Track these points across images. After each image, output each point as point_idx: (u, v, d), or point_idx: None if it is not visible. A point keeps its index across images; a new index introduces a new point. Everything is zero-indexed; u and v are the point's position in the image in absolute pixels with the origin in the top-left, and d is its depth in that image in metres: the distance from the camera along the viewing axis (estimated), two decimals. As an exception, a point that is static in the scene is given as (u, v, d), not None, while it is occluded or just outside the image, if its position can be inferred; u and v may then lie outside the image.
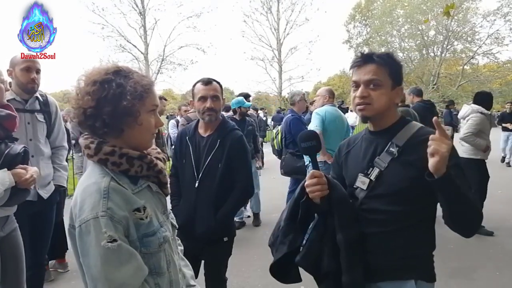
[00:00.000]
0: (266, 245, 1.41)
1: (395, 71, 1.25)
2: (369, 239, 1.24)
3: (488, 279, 3.05)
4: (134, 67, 1.08)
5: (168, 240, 1.08)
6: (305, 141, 1.27)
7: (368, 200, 1.25)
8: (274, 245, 1.34)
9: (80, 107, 1.00)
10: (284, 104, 17.97)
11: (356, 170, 1.31)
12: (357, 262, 1.21)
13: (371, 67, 1.23)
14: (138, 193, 1.03)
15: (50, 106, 2.49)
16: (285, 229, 1.31)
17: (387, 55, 1.27)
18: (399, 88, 1.28)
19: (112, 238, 0.91)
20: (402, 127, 1.26)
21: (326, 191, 1.22)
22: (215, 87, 2.03)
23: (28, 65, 2.30)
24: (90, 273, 0.93)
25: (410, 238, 1.21)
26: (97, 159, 1.02)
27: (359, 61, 1.26)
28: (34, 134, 2.35)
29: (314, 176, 1.22)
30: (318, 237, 1.27)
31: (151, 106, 1.06)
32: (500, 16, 20.88)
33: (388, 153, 1.23)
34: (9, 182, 1.69)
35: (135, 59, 20.01)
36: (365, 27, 26.94)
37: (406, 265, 1.21)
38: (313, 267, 1.28)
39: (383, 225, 1.22)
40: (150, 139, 1.09)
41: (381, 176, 1.23)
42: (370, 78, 1.23)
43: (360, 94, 1.24)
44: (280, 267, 1.32)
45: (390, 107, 1.26)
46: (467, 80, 22.69)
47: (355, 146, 1.39)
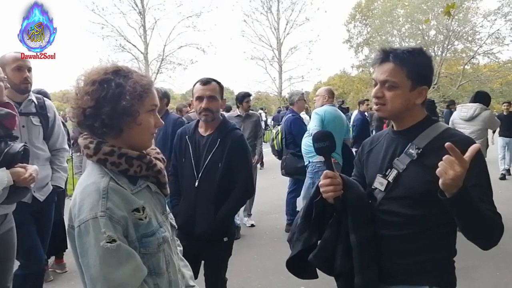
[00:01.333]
0: (267, 246, 1.41)
1: (415, 71, 1.17)
2: (385, 241, 1.23)
3: (488, 279, 3.06)
4: (133, 67, 1.08)
5: (167, 240, 1.07)
6: (319, 141, 1.25)
7: (386, 202, 1.23)
8: (291, 241, 1.35)
9: (79, 107, 1.00)
10: (284, 103, 17.95)
11: (375, 170, 1.28)
12: (369, 263, 1.20)
13: (388, 67, 1.18)
14: (137, 193, 1.03)
15: (47, 109, 2.44)
16: (301, 227, 1.31)
17: (409, 52, 1.19)
18: (421, 88, 1.20)
19: (111, 238, 0.91)
20: (426, 128, 1.21)
21: (340, 192, 1.20)
22: (213, 87, 2.02)
23: (19, 64, 2.23)
24: (89, 273, 0.93)
25: (427, 243, 1.18)
26: (96, 159, 1.01)
27: (378, 58, 1.22)
28: (29, 137, 2.30)
29: (328, 177, 1.20)
30: (332, 237, 1.26)
31: (151, 106, 1.05)
32: (500, 15, 20.86)
33: (407, 155, 1.19)
34: (7, 181, 1.70)
35: (134, 59, 20.01)
36: (365, 26, 26.92)
37: (421, 270, 1.19)
38: (325, 266, 1.27)
39: (399, 228, 1.20)
40: (150, 139, 1.09)
41: (399, 178, 1.20)
42: (384, 79, 1.19)
43: (374, 94, 1.21)
44: (296, 263, 1.32)
45: (408, 108, 1.20)
46: (468, 80, 22.67)
47: (378, 144, 1.35)
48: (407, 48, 1.22)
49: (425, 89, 1.22)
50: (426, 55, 1.24)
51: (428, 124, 1.23)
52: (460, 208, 1.03)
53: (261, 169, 8.95)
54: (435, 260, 1.19)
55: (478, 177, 1.10)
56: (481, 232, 1.09)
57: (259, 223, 4.64)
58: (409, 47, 1.22)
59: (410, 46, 1.23)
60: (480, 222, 1.05)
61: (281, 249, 4.01)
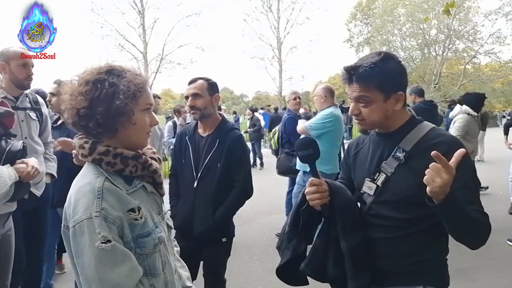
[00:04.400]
0: (266, 246, 1.41)
1: (384, 82, 1.15)
2: (377, 244, 1.23)
3: (489, 281, 3.04)
4: (131, 66, 1.07)
5: (163, 240, 1.07)
6: (302, 149, 1.23)
7: (375, 206, 1.23)
8: (281, 248, 1.34)
9: (74, 108, 0.99)
10: (284, 103, 17.94)
11: (363, 174, 1.28)
12: (362, 268, 1.20)
13: (356, 85, 1.17)
14: (133, 193, 1.02)
15: (40, 104, 2.45)
16: (289, 234, 1.31)
17: (372, 66, 1.14)
18: (396, 95, 1.18)
19: (106, 238, 0.90)
20: (411, 129, 1.21)
21: (326, 199, 1.20)
22: (197, 85, 2.00)
23: (25, 61, 2.24)
24: (84, 274, 0.92)
25: (418, 244, 1.18)
26: (91, 159, 1.01)
27: (345, 79, 1.21)
28: (29, 132, 2.31)
29: (313, 184, 1.19)
30: (322, 244, 1.26)
31: (145, 105, 1.05)
32: (501, 15, 20.79)
33: (395, 158, 1.19)
34: (14, 177, 1.75)
35: (134, 58, 19.99)
36: (366, 26, 26.86)
37: (414, 271, 1.19)
38: (318, 274, 1.27)
39: (390, 231, 1.20)
40: (145, 138, 1.08)
41: (387, 182, 1.20)
42: (357, 95, 1.18)
43: (351, 112, 1.22)
44: (286, 271, 1.31)
45: (388, 116, 1.20)
46: (469, 80, 22.60)
47: (364, 147, 1.35)
48: (369, 61, 1.15)
49: (401, 94, 1.19)
50: (393, 60, 1.19)
51: (413, 126, 1.22)
52: (448, 213, 1.03)
53: (261, 169, 8.95)
54: (428, 260, 1.20)
55: (463, 179, 1.09)
56: (469, 234, 1.10)
57: (259, 223, 4.64)
58: (371, 59, 1.16)
59: (372, 58, 1.17)
60: (467, 225, 1.06)
61: (281, 249, 4.01)
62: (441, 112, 13.23)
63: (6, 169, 1.74)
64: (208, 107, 2.01)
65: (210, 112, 2.02)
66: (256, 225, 4.64)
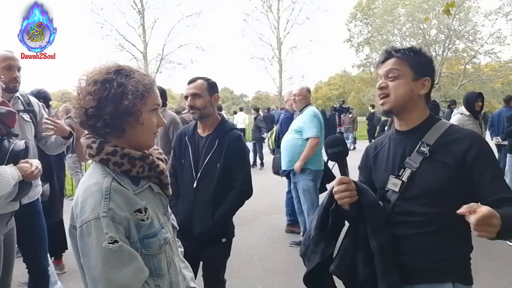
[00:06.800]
0: (266, 246, 1.41)
1: (418, 63, 1.23)
2: (404, 242, 1.22)
3: (489, 281, 3.04)
4: (138, 66, 1.08)
5: (169, 241, 1.07)
6: (331, 146, 1.23)
7: (401, 202, 1.22)
8: (306, 255, 1.32)
9: (82, 107, 0.99)
10: (284, 103, 17.93)
11: (387, 172, 1.27)
12: (392, 266, 1.19)
13: (391, 61, 1.25)
14: (140, 194, 1.02)
15: (33, 105, 2.40)
16: (316, 238, 1.29)
17: (410, 49, 1.26)
18: (424, 79, 1.24)
19: (113, 239, 0.91)
20: (431, 126, 1.24)
21: (355, 197, 1.19)
22: (196, 85, 2.00)
23: (9, 63, 2.19)
24: (91, 274, 0.92)
25: (446, 240, 1.18)
26: (98, 159, 1.01)
27: (381, 58, 1.28)
28: (23, 134, 2.26)
29: (342, 182, 1.19)
30: (351, 244, 1.25)
31: (153, 106, 1.05)
32: (502, 15, 20.80)
33: (419, 153, 1.20)
34: (17, 177, 1.77)
35: (134, 58, 19.96)
36: (366, 26, 26.86)
37: (443, 268, 1.19)
38: (348, 275, 1.25)
39: (418, 227, 1.19)
40: (152, 138, 1.09)
41: (413, 177, 1.20)
42: (389, 68, 1.24)
43: (379, 85, 1.26)
44: (314, 277, 1.30)
45: (412, 99, 1.23)
46: (469, 80, 22.61)
47: (383, 147, 1.35)
48: (407, 47, 1.28)
49: (428, 80, 1.25)
50: (426, 55, 1.29)
51: (433, 122, 1.26)
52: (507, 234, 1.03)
53: (261, 169, 8.96)
54: (457, 255, 1.20)
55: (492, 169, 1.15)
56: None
57: (259, 223, 4.65)
58: (408, 47, 1.28)
59: (411, 46, 1.31)
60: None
61: (281, 250, 4.02)
62: (441, 112, 13.22)
63: (10, 169, 1.75)
64: (208, 107, 2.00)
65: (209, 112, 2.02)
66: (256, 225, 4.64)
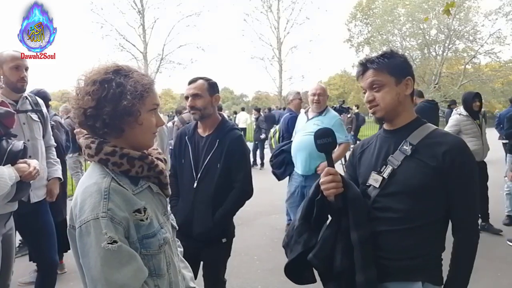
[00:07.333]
0: (266, 246, 1.41)
1: (395, 67, 1.27)
2: (380, 238, 1.25)
3: (489, 281, 3.04)
4: (137, 66, 1.07)
5: (168, 241, 1.07)
6: (321, 137, 1.27)
7: (381, 198, 1.26)
8: (289, 245, 1.35)
9: (80, 107, 0.99)
10: (284, 103, 17.92)
11: (369, 168, 1.32)
12: (370, 261, 1.22)
13: (369, 73, 1.29)
14: (139, 194, 1.02)
15: (41, 106, 2.45)
16: (300, 229, 1.32)
17: (383, 55, 1.30)
18: (406, 80, 1.28)
19: (112, 239, 0.91)
20: (417, 127, 1.28)
21: (341, 189, 1.23)
22: (197, 85, 2.00)
23: (17, 63, 2.23)
24: (90, 274, 0.92)
25: (422, 238, 1.21)
26: (97, 159, 1.01)
27: (359, 71, 1.33)
28: (31, 134, 2.31)
29: (329, 173, 1.22)
30: (332, 236, 1.28)
31: (152, 106, 1.05)
32: (502, 15, 20.78)
33: (402, 151, 1.25)
34: (15, 177, 1.76)
35: (134, 58, 19.96)
36: (366, 26, 26.84)
37: (414, 266, 1.22)
38: (324, 265, 1.28)
39: (395, 224, 1.23)
40: (151, 138, 1.09)
41: (394, 174, 1.24)
42: (371, 80, 1.28)
43: (366, 99, 1.30)
44: (295, 268, 1.32)
45: (400, 101, 1.27)
46: (469, 80, 22.58)
47: (369, 146, 1.40)
48: (378, 55, 1.32)
49: (410, 79, 1.29)
50: (400, 55, 1.34)
51: (419, 124, 1.30)
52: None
53: (261, 169, 8.95)
54: (430, 255, 1.24)
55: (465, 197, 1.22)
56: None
57: (259, 223, 4.64)
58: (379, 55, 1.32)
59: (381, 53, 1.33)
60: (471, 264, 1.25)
61: (281, 250, 3.98)
62: (441, 112, 13.24)
63: (7, 169, 1.74)
64: (208, 107, 2.00)
65: (210, 112, 2.02)
66: (256, 225, 4.64)
